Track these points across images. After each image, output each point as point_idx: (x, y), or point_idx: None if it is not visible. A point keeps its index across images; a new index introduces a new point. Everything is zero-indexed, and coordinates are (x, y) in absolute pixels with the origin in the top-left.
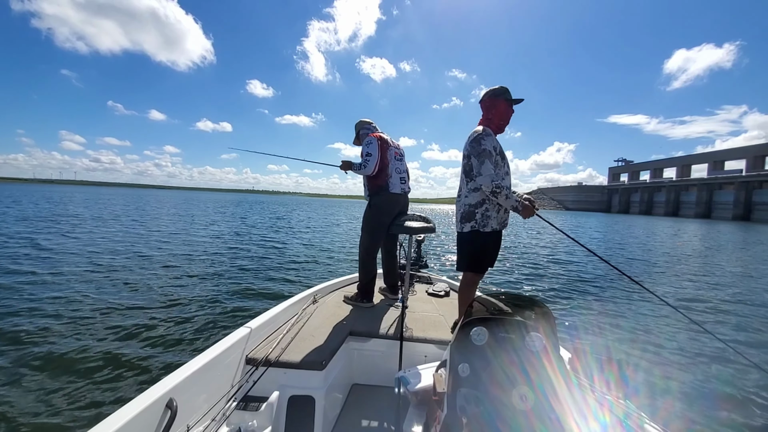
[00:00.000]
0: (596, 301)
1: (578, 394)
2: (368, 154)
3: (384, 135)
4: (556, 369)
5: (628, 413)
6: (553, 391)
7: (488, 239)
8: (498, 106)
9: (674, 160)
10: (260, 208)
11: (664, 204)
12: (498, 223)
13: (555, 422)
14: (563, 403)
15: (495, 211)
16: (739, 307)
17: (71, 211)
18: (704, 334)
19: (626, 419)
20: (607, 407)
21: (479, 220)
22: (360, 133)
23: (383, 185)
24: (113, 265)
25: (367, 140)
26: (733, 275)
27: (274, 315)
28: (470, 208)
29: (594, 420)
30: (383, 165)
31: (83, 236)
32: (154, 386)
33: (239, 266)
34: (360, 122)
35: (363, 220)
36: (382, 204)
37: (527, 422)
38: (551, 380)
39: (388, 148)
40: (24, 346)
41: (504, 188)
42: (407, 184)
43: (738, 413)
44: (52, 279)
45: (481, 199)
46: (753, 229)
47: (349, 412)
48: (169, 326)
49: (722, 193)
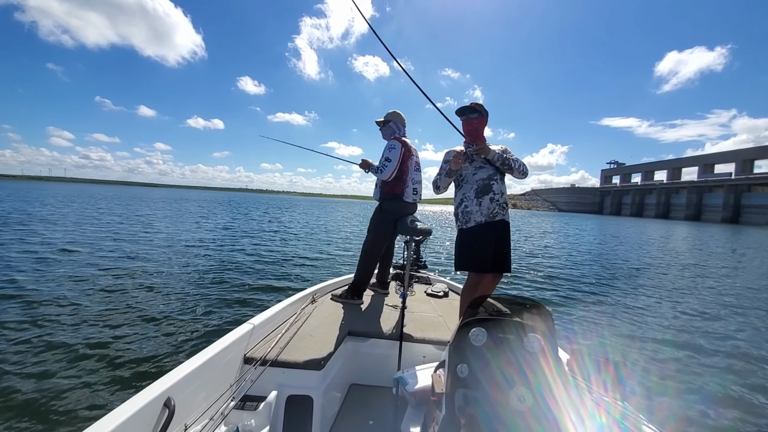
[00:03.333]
0: (594, 302)
1: (576, 395)
2: (388, 159)
3: (408, 141)
4: (554, 370)
5: (626, 414)
6: (551, 392)
7: (475, 234)
8: (462, 124)
9: (665, 162)
10: (255, 207)
11: (654, 206)
12: (483, 215)
13: (553, 423)
14: (561, 405)
15: (475, 205)
16: (735, 309)
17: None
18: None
19: (623, 420)
20: (604, 408)
21: (461, 218)
22: (389, 124)
23: (399, 193)
24: (109, 264)
25: (392, 144)
26: (726, 278)
27: (273, 314)
28: (455, 210)
29: (591, 421)
30: (402, 173)
31: (80, 234)
32: (151, 385)
33: (237, 265)
34: (396, 114)
35: (371, 221)
36: (393, 210)
37: (525, 423)
38: (549, 381)
39: (410, 156)
40: (19, 344)
41: (438, 180)
42: (419, 195)
43: (735, 414)
44: (48, 277)
45: (459, 199)
46: (743, 233)
47: (348, 412)
48: (167, 325)
49: (712, 196)
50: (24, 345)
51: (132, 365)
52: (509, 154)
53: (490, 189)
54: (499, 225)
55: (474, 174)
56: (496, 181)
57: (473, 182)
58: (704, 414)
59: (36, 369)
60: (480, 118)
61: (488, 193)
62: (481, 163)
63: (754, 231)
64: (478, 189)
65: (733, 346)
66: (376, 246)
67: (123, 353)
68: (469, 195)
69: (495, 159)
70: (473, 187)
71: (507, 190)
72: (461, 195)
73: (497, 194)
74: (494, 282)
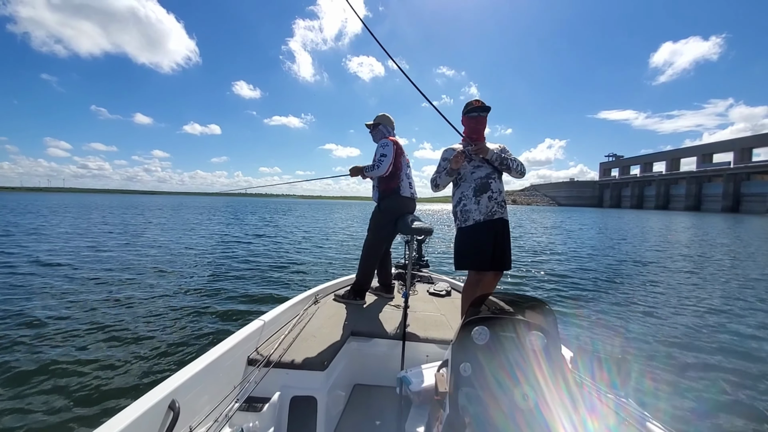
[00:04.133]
0: (598, 299)
1: (580, 393)
2: (383, 155)
3: (399, 141)
4: (558, 368)
5: (630, 412)
6: (555, 390)
7: (474, 233)
8: (464, 122)
9: (663, 154)
10: (253, 212)
11: (654, 197)
12: (481, 214)
13: (556, 421)
14: (565, 402)
15: (474, 203)
16: (739, 303)
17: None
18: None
19: (628, 418)
20: (608, 406)
21: (460, 216)
22: (379, 127)
23: (395, 188)
24: (112, 268)
25: (384, 142)
26: (730, 270)
27: (276, 315)
28: (453, 209)
29: (596, 419)
30: (396, 169)
31: (86, 240)
32: (156, 387)
33: (240, 268)
34: (385, 117)
35: (371, 221)
36: (393, 207)
37: (528, 421)
38: (552, 380)
39: (402, 154)
40: (26, 348)
41: (438, 178)
42: (414, 191)
43: (739, 411)
44: (53, 282)
45: (458, 198)
46: (745, 222)
47: (351, 412)
48: (171, 328)
49: (711, 186)
50: (30, 348)
51: (137, 368)
52: (507, 153)
53: (489, 187)
54: (498, 223)
55: (472, 173)
56: (494, 179)
57: (471, 181)
58: (708, 411)
59: (43, 373)
60: (485, 117)
61: (486, 191)
62: (479, 161)
63: (756, 219)
64: (476, 187)
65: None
66: (376, 246)
67: (128, 356)
68: (468, 193)
69: (494, 159)
70: (471, 185)
71: (505, 187)
72: (459, 193)
73: (495, 192)
74: (495, 280)
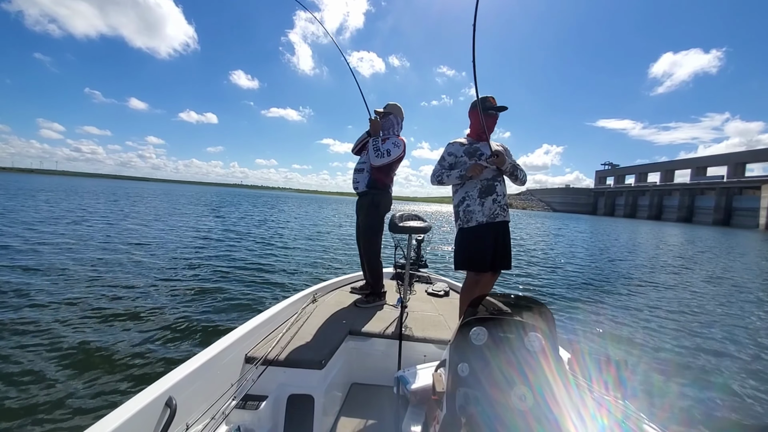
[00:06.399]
0: (595, 301)
1: (577, 394)
2: (389, 151)
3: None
4: (555, 369)
5: (627, 414)
6: (552, 391)
7: (476, 234)
8: (473, 116)
9: (658, 165)
10: (253, 205)
11: (647, 207)
12: (485, 216)
13: (553, 423)
14: (561, 404)
15: (478, 204)
16: (731, 308)
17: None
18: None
19: (625, 420)
20: (605, 408)
21: (462, 217)
22: (389, 117)
23: (389, 185)
24: (109, 261)
25: (399, 142)
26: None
27: (274, 314)
28: (455, 208)
29: (592, 421)
30: (390, 169)
31: (77, 229)
32: (153, 384)
33: (238, 264)
34: (396, 107)
35: (369, 220)
36: (386, 203)
37: (526, 422)
38: (550, 381)
39: (402, 159)
40: (19, 342)
41: (443, 175)
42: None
43: (737, 413)
44: (46, 274)
45: (461, 198)
46: (737, 235)
47: (349, 411)
48: (168, 324)
49: (703, 198)
50: (24, 345)
51: (133, 365)
52: (512, 158)
53: (494, 190)
54: (500, 226)
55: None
56: (499, 182)
57: (477, 181)
58: (706, 413)
59: (37, 369)
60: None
61: (491, 194)
62: (485, 163)
63: (747, 233)
64: (481, 189)
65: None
66: (377, 244)
67: (124, 353)
68: (472, 194)
69: (508, 170)
70: (477, 186)
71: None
72: (464, 193)
73: (500, 195)
74: (493, 279)
